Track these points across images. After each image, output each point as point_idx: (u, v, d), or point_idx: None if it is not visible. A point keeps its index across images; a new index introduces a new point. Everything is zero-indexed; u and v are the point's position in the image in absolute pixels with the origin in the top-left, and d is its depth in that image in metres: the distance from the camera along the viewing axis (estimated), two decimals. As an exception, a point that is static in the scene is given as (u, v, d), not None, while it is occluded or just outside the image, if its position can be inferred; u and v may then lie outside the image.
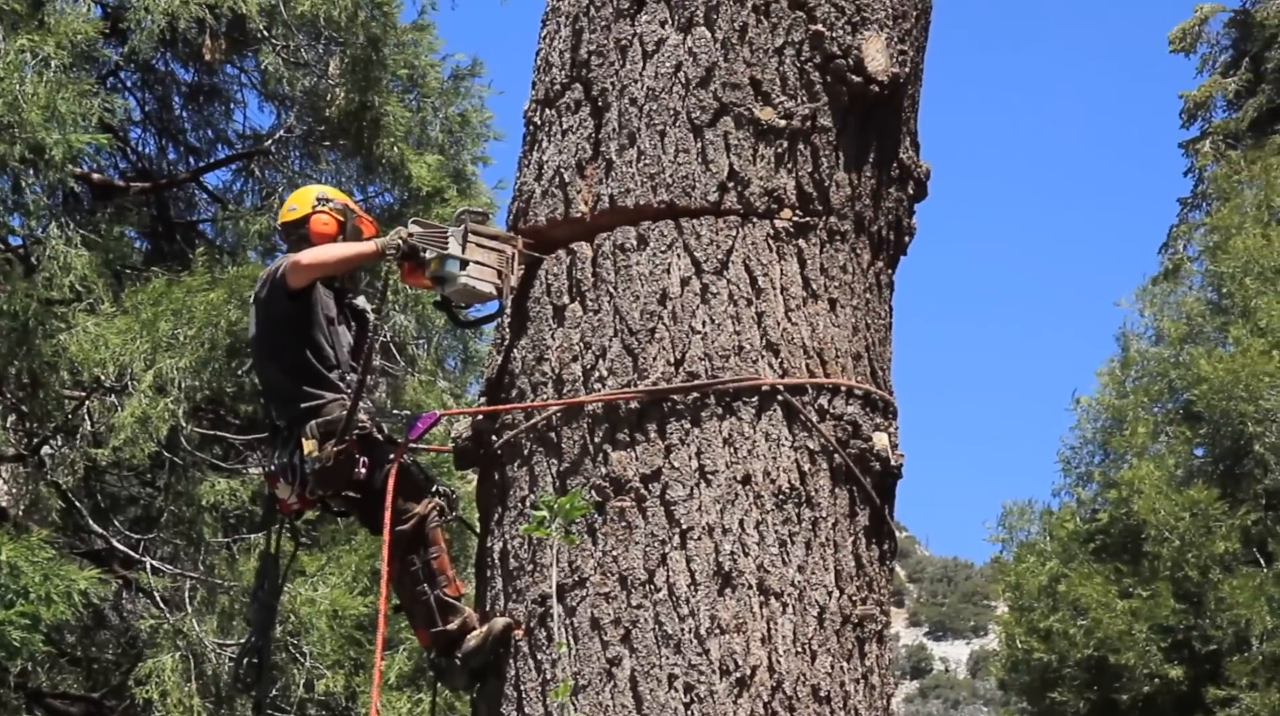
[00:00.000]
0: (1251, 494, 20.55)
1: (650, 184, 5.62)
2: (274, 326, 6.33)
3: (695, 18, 5.68)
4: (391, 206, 14.99)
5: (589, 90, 5.80)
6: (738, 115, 5.63)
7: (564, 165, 5.79)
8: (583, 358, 5.60)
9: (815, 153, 5.68)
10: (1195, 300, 23.05)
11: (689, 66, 5.65)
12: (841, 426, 5.57)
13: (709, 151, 5.61)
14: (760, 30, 5.66)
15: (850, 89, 5.67)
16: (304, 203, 6.60)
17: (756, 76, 5.64)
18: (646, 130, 5.66)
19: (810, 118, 5.66)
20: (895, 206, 5.95)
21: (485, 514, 5.88)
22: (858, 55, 5.66)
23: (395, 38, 14.43)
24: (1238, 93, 30.79)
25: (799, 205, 5.66)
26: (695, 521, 5.36)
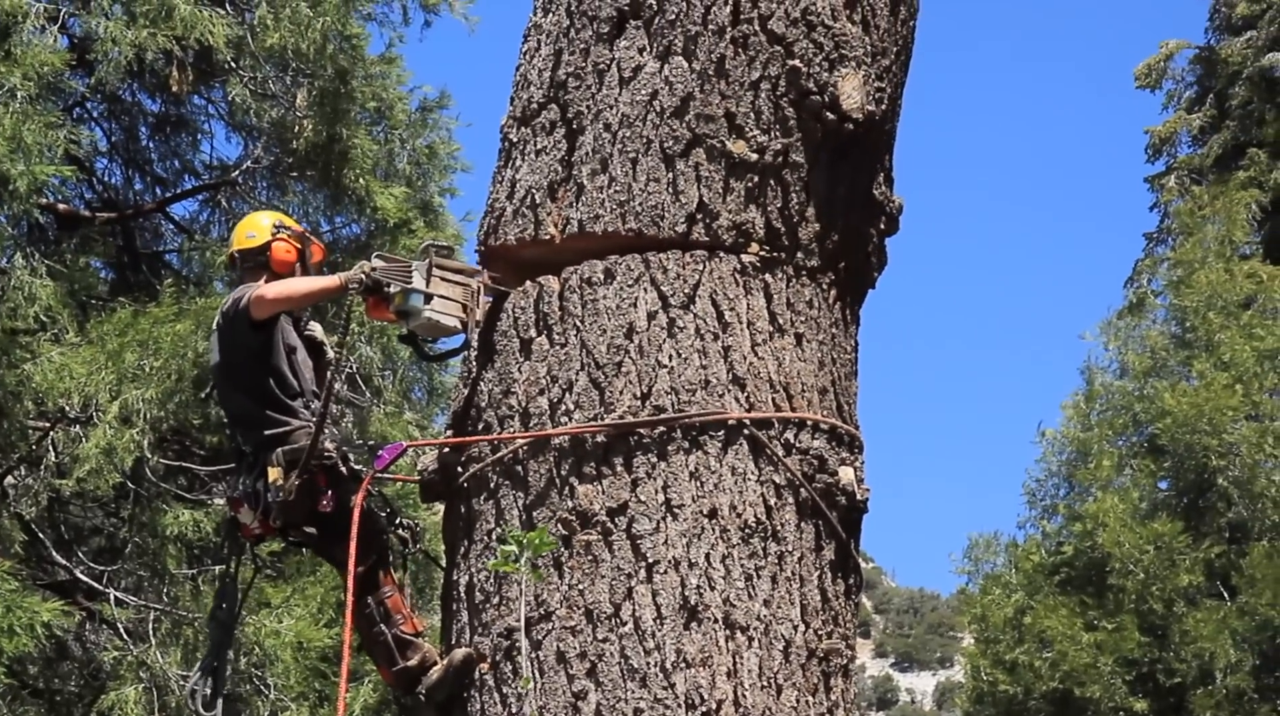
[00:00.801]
0: (1215, 527, 20.63)
1: (619, 211, 5.64)
2: (237, 355, 6.33)
3: (674, 46, 5.68)
4: (358, 238, 14.99)
5: (565, 112, 5.81)
6: (710, 147, 5.63)
7: (535, 186, 5.80)
8: (549, 391, 5.60)
9: (785, 188, 5.68)
10: (1159, 334, 23.15)
11: (664, 95, 5.66)
12: (807, 461, 5.58)
13: (679, 182, 5.62)
14: (737, 63, 5.66)
15: (824, 126, 5.68)
16: (261, 230, 6.58)
17: (731, 109, 5.65)
18: (619, 157, 5.67)
19: (782, 153, 5.66)
20: (865, 241, 5.97)
21: (451, 547, 5.88)
22: (833, 93, 5.66)
23: (363, 70, 14.44)
24: (1202, 129, 30.98)
25: (767, 240, 5.67)
26: (661, 555, 5.36)
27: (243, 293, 6.33)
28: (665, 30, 5.69)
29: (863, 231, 5.94)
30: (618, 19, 5.77)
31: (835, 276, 5.85)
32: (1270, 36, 29.82)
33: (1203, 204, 24.49)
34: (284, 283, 6.34)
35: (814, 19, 5.68)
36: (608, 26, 5.78)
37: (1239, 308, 22.09)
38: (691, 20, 5.66)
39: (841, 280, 5.88)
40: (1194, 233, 23.57)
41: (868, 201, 5.94)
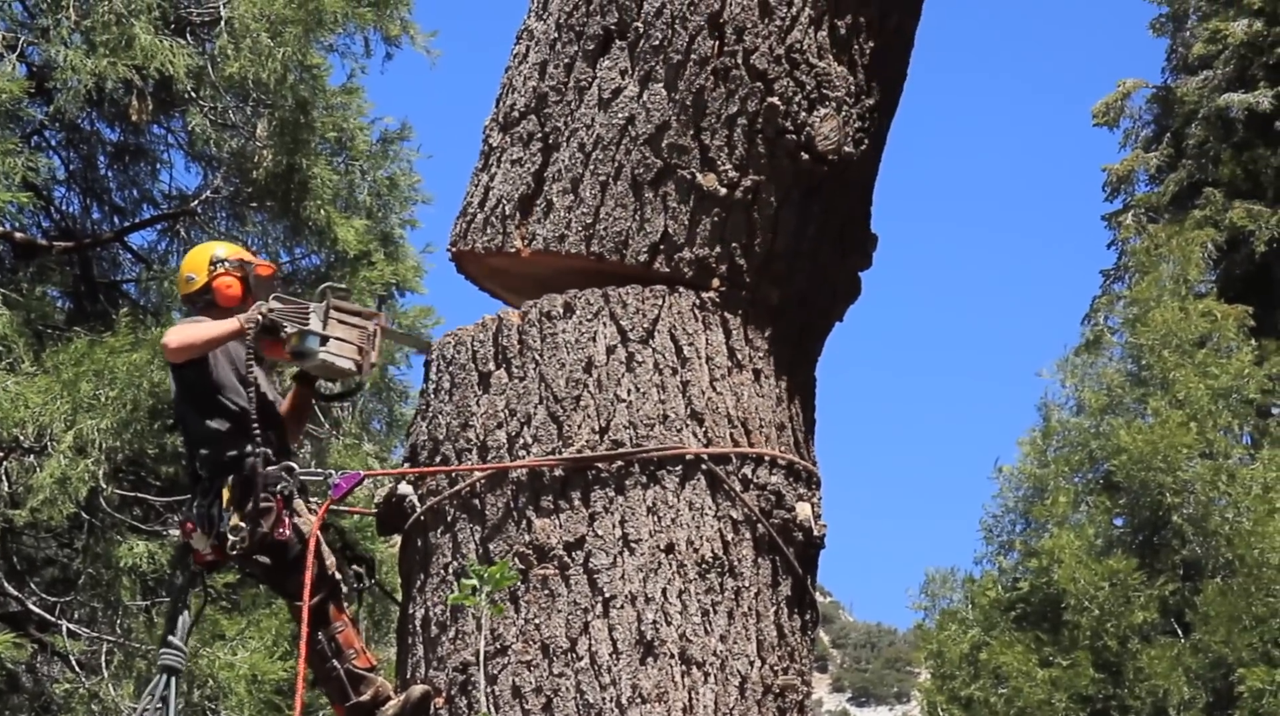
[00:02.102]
0: (1170, 564, 20.71)
1: (584, 234, 5.65)
2: (179, 389, 6.36)
3: (655, 73, 5.66)
4: (318, 268, 14.95)
5: (543, 125, 5.80)
6: (680, 178, 5.62)
7: (507, 196, 5.81)
8: (507, 424, 5.60)
9: (752, 225, 5.67)
10: (1116, 371, 23.26)
11: (640, 121, 5.64)
12: (765, 496, 5.59)
13: (646, 211, 5.62)
14: (716, 96, 5.63)
15: (798, 165, 5.66)
16: (200, 269, 6.58)
17: (705, 142, 5.63)
18: (589, 179, 5.67)
19: (753, 190, 5.64)
20: (832, 278, 5.97)
21: (407, 580, 5.86)
22: (810, 133, 5.63)
23: (324, 100, 14.42)
24: (1159, 168, 31.20)
25: (729, 276, 5.66)
26: (618, 590, 5.35)
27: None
28: (648, 55, 5.67)
29: (832, 268, 5.94)
30: (604, 37, 5.76)
31: (799, 312, 5.86)
32: (1226, 77, 30.07)
33: (1159, 242, 24.65)
34: (184, 329, 6.33)
35: (798, 57, 5.65)
36: (593, 44, 5.76)
37: (1194, 346, 22.22)
38: (675, 48, 5.64)
39: (805, 316, 5.89)
40: (1150, 271, 23.71)
41: (840, 239, 5.94)
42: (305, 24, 13.30)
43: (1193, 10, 31.51)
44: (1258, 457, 21.79)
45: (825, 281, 5.93)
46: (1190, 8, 31.50)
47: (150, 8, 12.77)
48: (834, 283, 5.99)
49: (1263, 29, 29.96)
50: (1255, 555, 19.83)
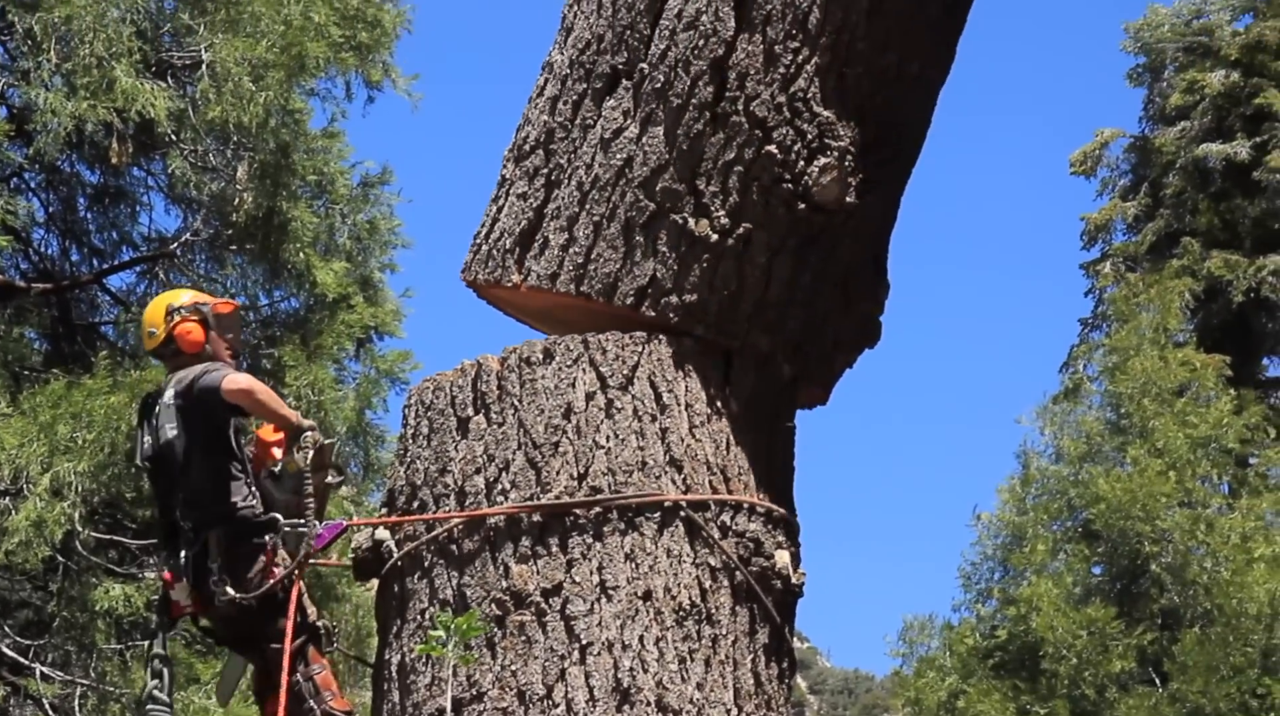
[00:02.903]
0: (1148, 613, 20.74)
1: (575, 274, 5.64)
2: (200, 434, 6.35)
3: (655, 115, 5.60)
4: (297, 312, 14.95)
5: (549, 161, 5.78)
6: (672, 223, 5.57)
7: (509, 230, 5.81)
8: (486, 470, 5.58)
9: (743, 273, 5.60)
10: (1094, 419, 23.33)
11: (638, 164, 5.60)
12: (743, 543, 5.57)
13: (636, 254, 5.59)
14: (714, 142, 5.56)
15: (794, 214, 5.58)
16: (158, 322, 6.63)
17: (700, 187, 5.57)
18: (584, 218, 5.65)
19: (745, 238, 5.57)
20: (833, 325, 5.88)
21: (384, 625, 5.83)
22: (807, 182, 5.54)
23: (305, 144, 14.46)
24: (1137, 217, 31.35)
25: (716, 323, 5.62)
26: (595, 637, 5.33)
27: (209, 372, 6.36)
28: (650, 98, 5.61)
29: (833, 316, 5.86)
30: (611, 77, 5.72)
31: (794, 360, 5.81)
32: (1204, 128, 30.27)
33: (1137, 291, 24.76)
34: (258, 384, 6.45)
35: (800, 105, 5.55)
36: (601, 83, 5.73)
37: (1173, 395, 22.30)
38: (676, 92, 5.58)
39: (799, 363, 5.83)
40: (1129, 319, 23.81)
41: (844, 286, 5.84)
42: (287, 68, 13.34)
43: (1170, 61, 31.73)
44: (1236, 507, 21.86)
45: (823, 329, 5.86)
46: (1167, 59, 31.73)
47: (132, 51, 12.80)
48: (835, 330, 5.90)
49: (1239, 80, 30.19)
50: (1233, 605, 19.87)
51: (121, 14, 13.01)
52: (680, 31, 5.60)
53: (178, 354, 6.56)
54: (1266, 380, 29.73)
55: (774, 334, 5.71)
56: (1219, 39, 30.87)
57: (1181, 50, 31.41)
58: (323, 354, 14.45)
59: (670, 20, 5.62)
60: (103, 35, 12.58)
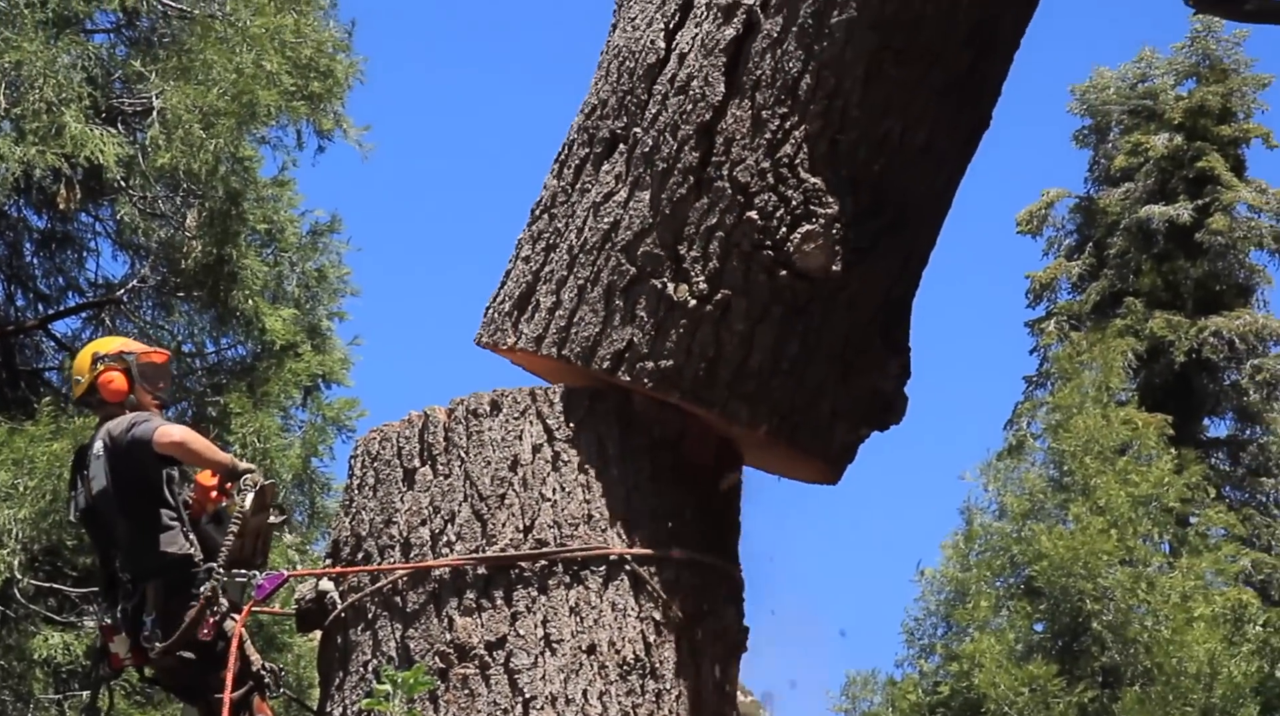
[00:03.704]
0: (1089, 671, 20.82)
1: (558, 338, 5.63)
2: (132, 484, 6.32)
3: (642, 179, 5.55)
4: (244, 359, 14.91)
5: (551, 224, 5.78)
6: (651, 288, 5.51)
7: (509, 293, 5.82)
8: (431, 522, 5.58)
9: (721, 340, 5.49)
10: (1037, 477, 23.44)
11: (623, 227, 5.56)
12: (688, 598, 5.58)
13: (615, 318, 5.54)
14: (698, 207, 5.48)
15: (775, 282, 5.46)
16: (84, 370, 6.62)
17: (681, 252, 5.49)
18: (571, 282, 5.64)
19: (725, 305, 5.47)
20: (820, 401, 5.68)
21: (326, 677, 5.81)
22: (789, 250, 5.42)
23: (255, 192, 14.45)
24: (1081, 276, 31.62)
25: (692, 390, 5.52)
26: (539, 690, 5.33)
27: (138, 424, 6.34)
28: (639, 161, 5.58)
29: (825, 390, 5.67)
30: (610, 141, 5.70)
31: (781, 430, 5.63)
32: (1147, 189, 30.60)
33: (1081, 350, 24.95)
34: (191, 434, 6.42)
35: (785, 172, 5.44)
36: (601, 147, 5.71)
37: (1115, 453, 22.46)
38: (662, 156, 5.54)
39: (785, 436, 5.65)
40: (1072, 378, 23.97)
41: (839, 360, 5.66)
42: (238, 116, 13.34)
43: (1115, 123, 32.09)
44: (1176, 566, 22.01)
45: (816, 402, 5.66)
46: (1112, 121, 32.09)
47: (82, 97, 12.78)
48: (833, 403, 5.69)
49: (1183, 143, 30.56)
50: (1174, 664, 19.98)
51: (72, 60, 12.99)
52: (671, 96, 5.57)
53: (102, 403, 6.56)
54: (1207, 440, 29.99)
55: (754, 403, 5.56)
56: (1163, 103, 31.26)
57: (1126, 113, 31.79)
58: (269, 401, 14.40)
59: (664, 85, 5.60)
60: (53, 81, 12.55)
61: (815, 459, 5.83)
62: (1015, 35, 5.83)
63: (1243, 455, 30.09)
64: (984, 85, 5.78)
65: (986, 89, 5.81)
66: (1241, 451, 30.14)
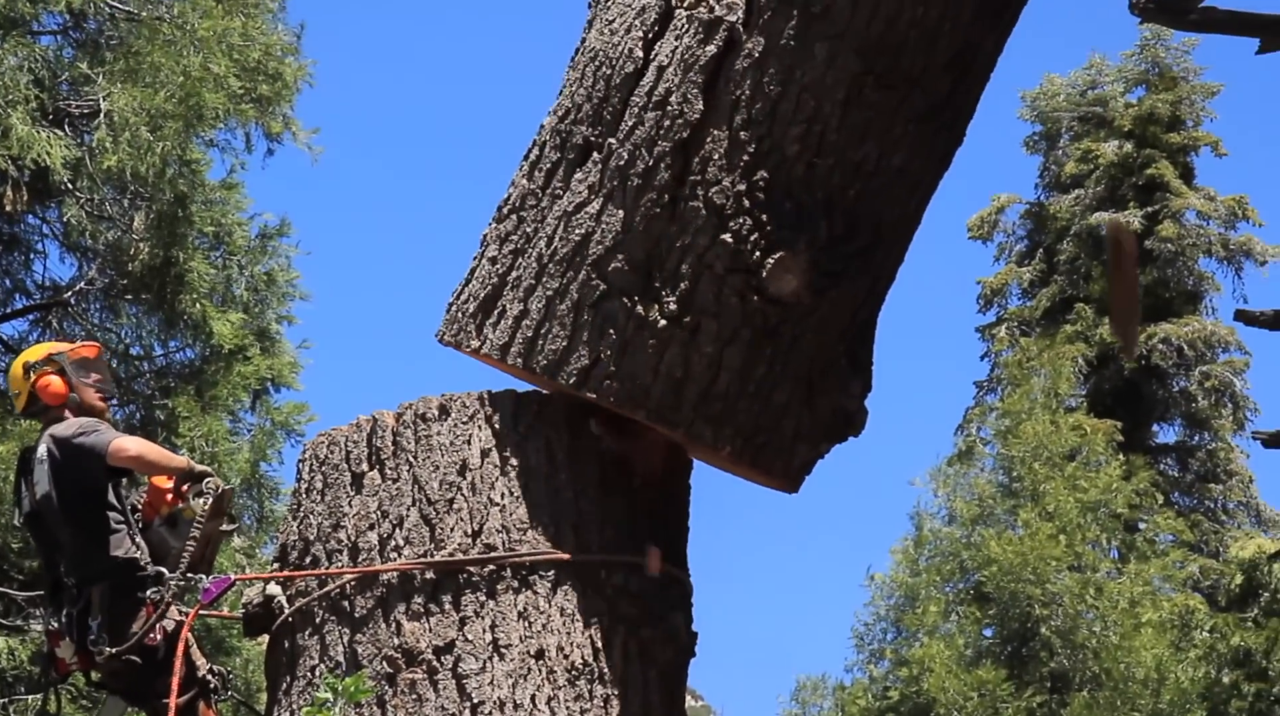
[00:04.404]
0: (1037, 676, 20.91)
1: (524, 348, 5.53)
2: (76, 491, 6.28)
3: (616, 193, 5.42)
4: (192, 362, 14.84)
5: (519, 227, 5.64)
6: (621, 305, 5.39)
7: (474, 294, 5.70)
8: (380, 526, 5.55)
9: (689, 362, 5.41)
10: (987, 482, 23.56)
11: (594, 241, 5.42)
12: (636, 603, 5.57)
13: (583, 333, 5.43)
14: (671, 227, 5.37)
15: (747, 306, 5.37)
16: (21, 383, 6.58)
17: (652, 271, 5.37)
18: (539, 291, 5.51)
19: (694, 327, 5.38)
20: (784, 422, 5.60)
21: (273, 682, 5.77)
22: (762, 275, 5.31)
23: (203, 195, 14.39)
24: (1032, 282, 31.80)
25: (657, 409, 5.44)
26: (487, 695, 5.31)
27: (87, 432, 6.30)
28: (614, 174, 5.45)
29: (790, 411, 5.59)
30: (584, 148, 5.56)
31: (740, 453, 5.57)
32: (1097, 196, 30.80)
33: (1031, 356, 25.09)
34: (146, 444, 6.45)
35: (761, 194, 5.34)
36: (574, 154, 5.57)
37: (1064, 459, 22.59)
38: (637, 172, 5.40)
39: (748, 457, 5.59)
40: (1022, 384, 24.11)
41: (805, 382, 5.58)
42: (186, 118, 13.29)
43: (1065, 130, 32.29)
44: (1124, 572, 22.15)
45: (780, 423, 5.60)
46: (1063, 128, 32.28)
47: (28, 99, 12.71)
48: (795, 424, 5.62)
49: (1132, 151, 30.77)
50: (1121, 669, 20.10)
51: (19, 61, 12.91)
52: (649, 110, 5.43)
53: (47, 409, 6.52)
54: (1156, 446, 30.19)
55: (719, 425, 5.49)
56: (1113, 110, 31.48)
57: (1076, 119, 31.99)
58: (218, 405, 14.34)
59: (641, 97, 5.45)
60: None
61: (776, 477, 5.79)
62: (993, 58, 5.75)
63: (1191, 461, 30.31)
64: (961, 109, 5.73)
65: (963, 112, 5.75)
66: (1190, 457, 30.36)
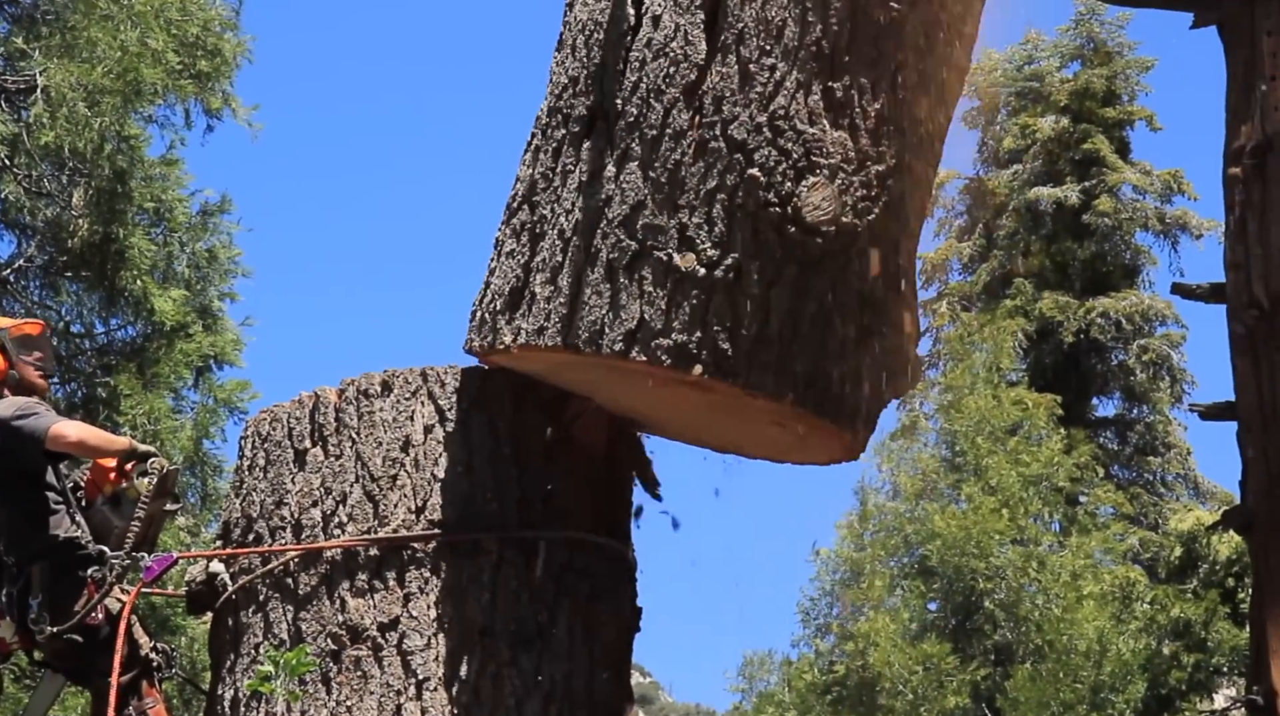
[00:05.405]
0: (981, 650, 21.05)
1: (561, 326, 5.24)
2: (12, 471, 6.23)
3: (631, 151, 5.24)
4: (134, 339, 14.74)
5: (533, 213, 5.44)
6: (656, 260, 5.16)
7: (499, 292, 5.44)
8: (323, 503, 5.54)
9: (736, 306, 5.18)
10: (931, 457, 23.66)
11: (616, 203, 5.22)
12: (581, 577, 5.58)
13: (622, 297, 5.18)
14: (694, 171, 5.18)
15: (786, 239, 5.18)
16: None
17: (684, 220, 5.17)
18: (568, 267, 5.26)
19: (736, 269, 5.16)
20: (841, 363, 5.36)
21: (217, 660, 5.76)
22: (797, 204, 5.14)
23: (143, 171, 14.28)
24: (972, 257, 31.92)
25: (713, 361, 5.17)
26: (432, 671, 5.30)
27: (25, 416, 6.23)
28: (625, 133, 5.27)
29: (846, 352, 5.35)
30: (588, 118, 5.39)
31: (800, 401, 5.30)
32: (1035, 172, 30.92)
33: (972, 331, 25.19)
34: (85, 429, 6.37)
35: (782, 124, 5.19)
36: (578, 126, 5.40)
37: (1006, 433, 22.70)
38: (649, 124, 5.24)
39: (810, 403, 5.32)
40: (963, 359, 24.21)
41: (856, 319, 5.38)
42: (124, 94, 13.18)
43: (1003, 105, 32.39)
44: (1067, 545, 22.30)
45: (838, 365, 5.34)
46: (1000, 102, 32.38)
47: (-35, 74, 12.58)
48: (853, 365, 5.37)
49: (1069, 126, 30.90)
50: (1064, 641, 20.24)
51: (-46, 37, 12.78)
52: (650, 61, 5.28)
53: None
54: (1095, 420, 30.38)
55: (778, 373, 5.24)
56: (1049, 84, 31.59)
57: (1014, 95, 32.10)
58: (160, 383, 14.25)
59: (640, 51, 5.31)
60: (-65, 58, 12.36)
61: (841, 428, 5.45)
62: None
63: (1130, 434, 30.52)
64: (964, 20, 5.62)
65: (966, 25, 5.65)
66: (1129, 431, 30.57)
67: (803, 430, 5.47)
